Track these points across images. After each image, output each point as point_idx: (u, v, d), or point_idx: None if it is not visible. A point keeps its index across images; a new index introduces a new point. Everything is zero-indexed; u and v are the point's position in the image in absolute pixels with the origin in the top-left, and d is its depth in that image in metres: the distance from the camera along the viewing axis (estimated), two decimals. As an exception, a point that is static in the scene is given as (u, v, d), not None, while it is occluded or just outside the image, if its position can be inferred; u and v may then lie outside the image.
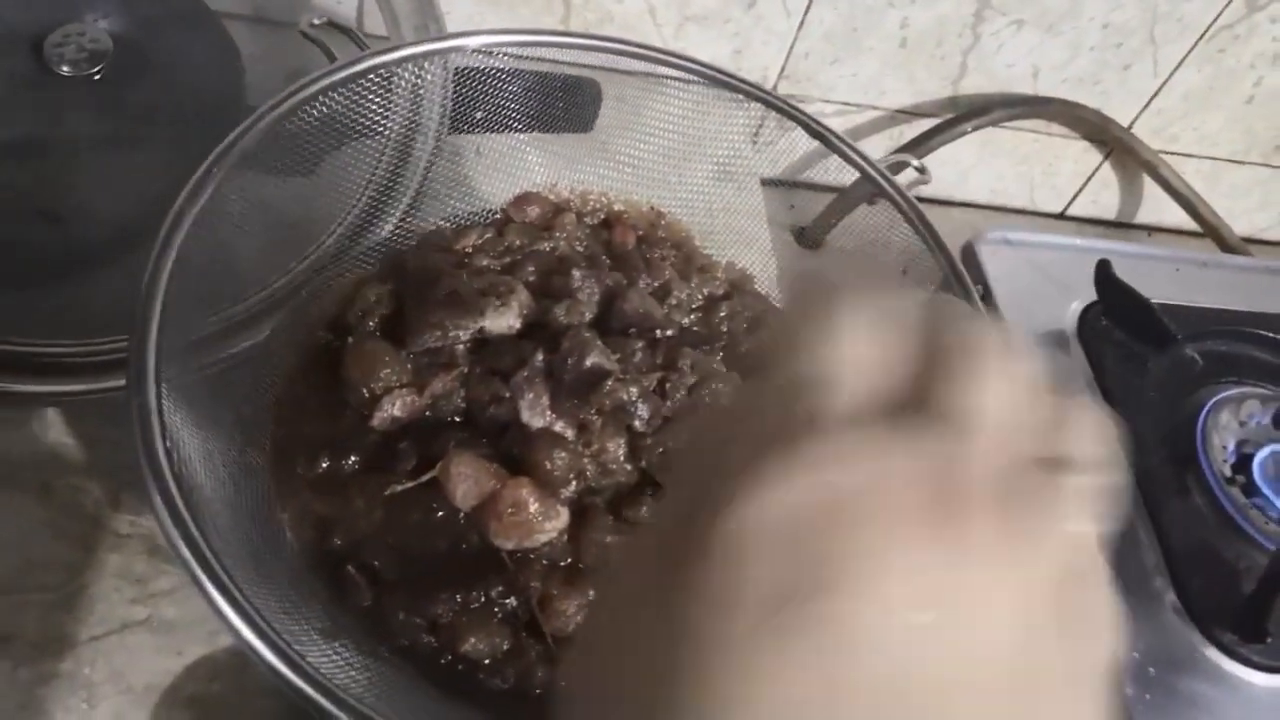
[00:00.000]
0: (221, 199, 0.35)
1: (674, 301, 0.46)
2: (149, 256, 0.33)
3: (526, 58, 0.48)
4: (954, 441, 0.17)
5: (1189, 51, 0.67)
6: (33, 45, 0.47)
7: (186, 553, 0.28)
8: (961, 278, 0.48)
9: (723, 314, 0.47)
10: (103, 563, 0.42)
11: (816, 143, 0.52)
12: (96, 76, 0.47)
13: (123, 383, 0.33)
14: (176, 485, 0.29)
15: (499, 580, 0.35)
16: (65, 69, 0.47)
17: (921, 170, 0.50)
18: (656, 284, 0.48)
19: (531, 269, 0.44)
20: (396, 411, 0.38)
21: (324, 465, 0.37)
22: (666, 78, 0.51)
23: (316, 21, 0.45)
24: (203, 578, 0.27)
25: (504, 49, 0.44)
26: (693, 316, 0.48)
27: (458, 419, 0.39)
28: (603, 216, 0.50)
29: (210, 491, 0.32)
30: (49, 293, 0.45)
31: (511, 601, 0.35)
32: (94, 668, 0.39)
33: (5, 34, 0.47)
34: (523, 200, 0.47)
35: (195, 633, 0.40)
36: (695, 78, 0.48)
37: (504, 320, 0.40)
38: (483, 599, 0.35)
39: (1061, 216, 0.78)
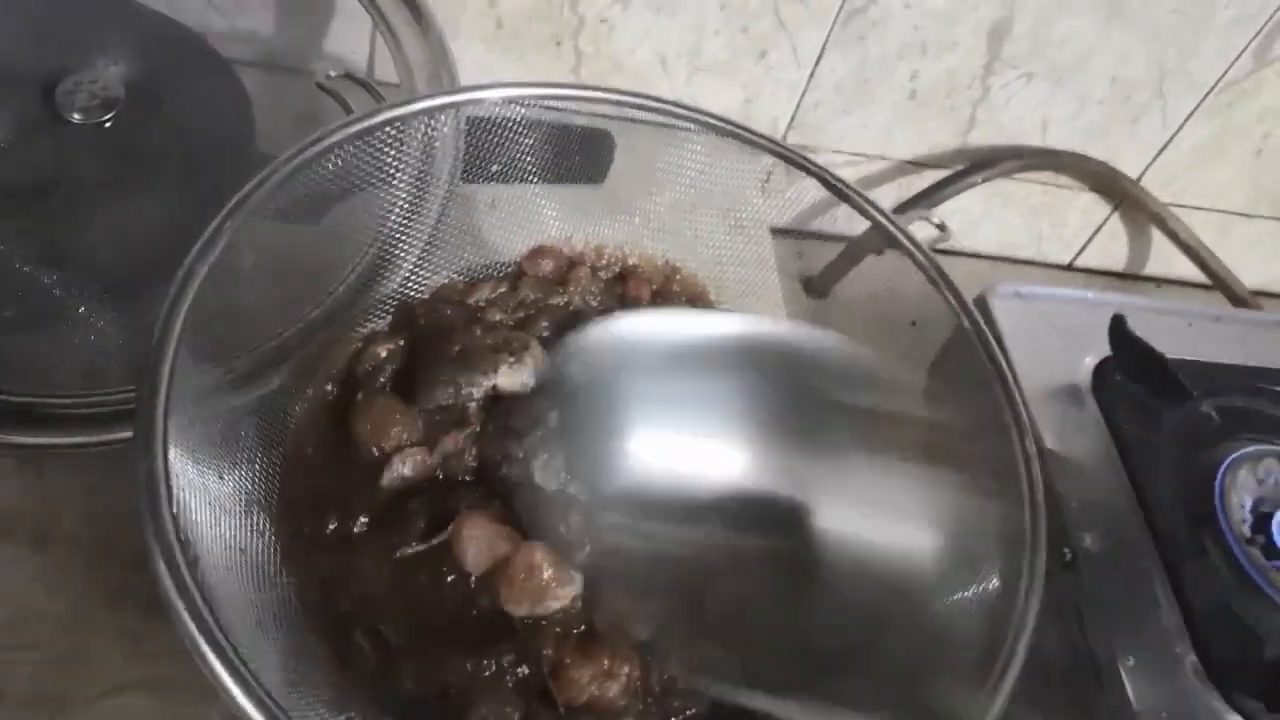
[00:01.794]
0: (232, 253, 0.34)
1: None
2: (157, 315, 0.32)
3: (540, 108, 0.48)
4: None
5: (1197, 105, 0.67)
6: (44, 91, 0.46)
7: (192, 627, 0.27)
8: (980, 330, 0.47)
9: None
10: (98, 619, 0.41)
11: (825, 192, 0.51)
12: (107, 124, 0.47)
13: (126, 434, 0.32)
14: (182, 553, 0.28)
15: (510, 647, 0.34)
16: (76, 116, 0.46)
17: (942, 228, 0.50)
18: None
19: (546, 324, 0.43)
20: (406, 471, 0.37)
21: (331, 526, 0.36)
22: (678, 128, 0.51)
23: (332, 74, 0.44)
24: (208, 652, 0.27)
25: (521, 101, 0.44)
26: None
27: (469, 478, 0.38)
28: (617, 270, 0.50)
29: (215, 558, 0.31)
30: (51, 340, 0.44)
31: (524, 669, 0.34)
32: (87, 731, 0.38)
33: (17, 80, 0.47)
34: (537, 254, 0.47)
35: (193, 694, 0.39)
36: (707, 130, 0.48)
37: (518, 378, 0.39)
38: (494, 667, 0.34)
39: (1069, 268, 0.77)
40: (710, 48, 0.62)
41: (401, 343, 0.41)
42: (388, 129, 0.40)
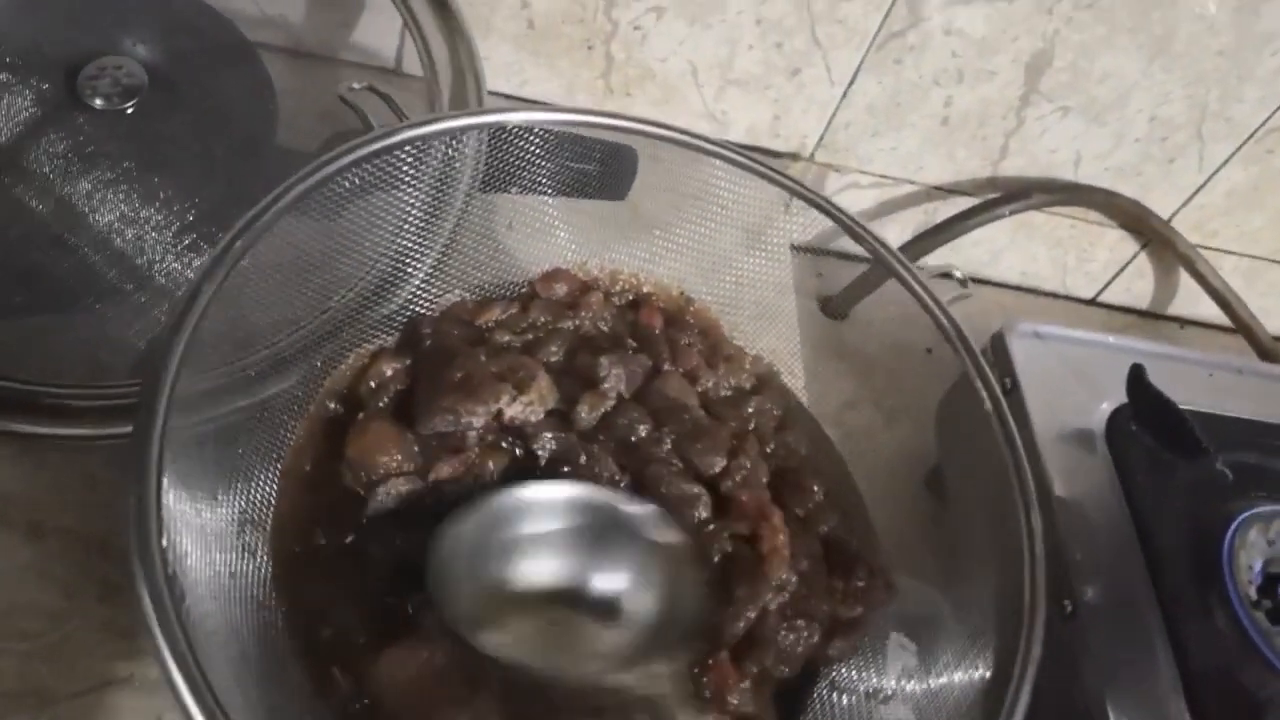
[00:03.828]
0: (240, 273, 0.34)
1: (701, 390, 0.44)
2: (159, 337, 0.32)
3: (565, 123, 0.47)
4: None
5: (1236, 150, 0.65)
6: (66, 76, 0.46)
7: (172, 664, 0.27)
8: (984, 374, 0.46)
9: (750, 410, 0.46)
10: (88, 613, 0.41)
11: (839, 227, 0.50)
12: (129, 111, 0.46)
13: (128, 429, 0.32)
14: (169, 590, 0.27)
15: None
16: (98, 102, 0.46)
17: (964, 284, 0.49)
18: (683, 370, 0.47)
19: (555, 348, 0.43)
20: (390, 504, 0.36)
21: (320, 543, 0.36)
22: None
23: (356, 86, 0.44)
24: (188, 698, 0.26)
25: (543, 126, 0.43)
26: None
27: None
28: (630, 298, 0.49)
29: (203, 589, 0.31)
30: (61, 329, 0.44)
31: None
32: (71, 727, 0.38)
33: (40, 64, 0.46)
34: (551, 277, 0.46)
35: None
36: (724, 160, 0.47)
37: (526, 409, 0.39)
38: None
39: (1093, 303, 0.76)
40: (743, 61, 0.61)
41: (408, 362, 0.40)
42: (407, 148, 0.39)
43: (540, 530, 0.38)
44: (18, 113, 0.45)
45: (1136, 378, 0.55)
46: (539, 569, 0.38)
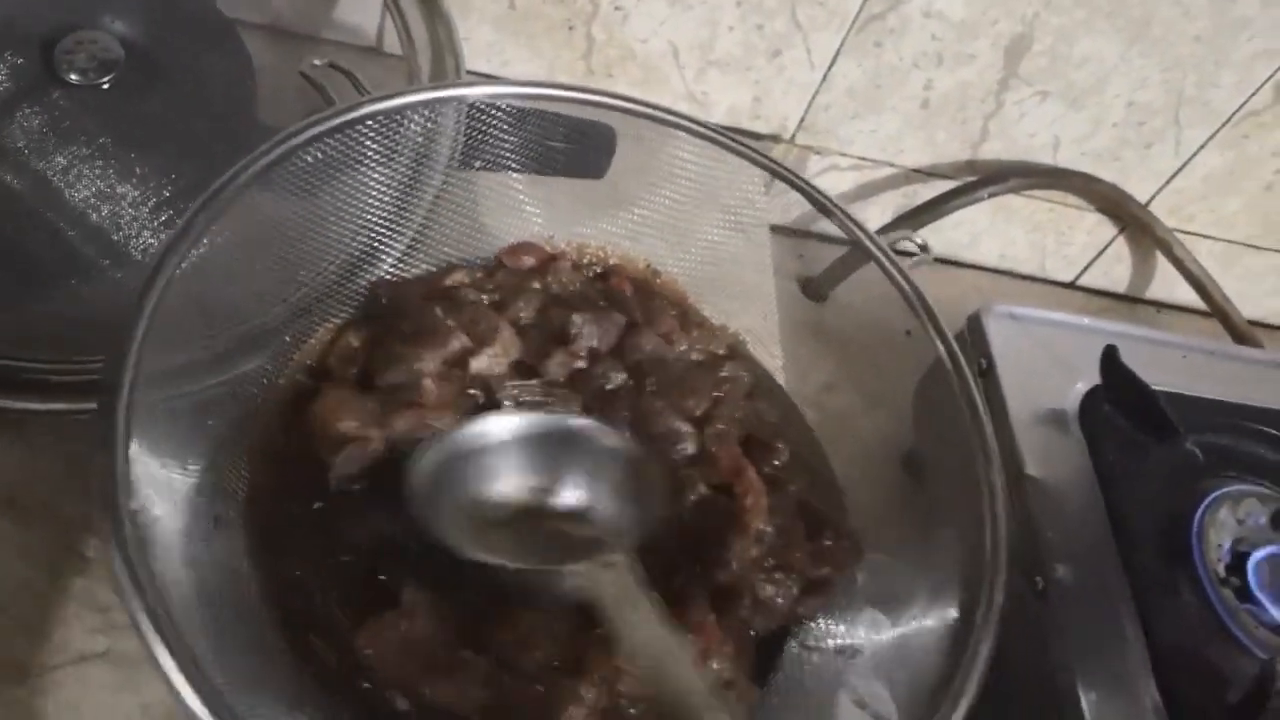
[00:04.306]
0: (208, 249, 0.34)
1: (676, 352, 0.45)
2: (131, 307, 0.32)
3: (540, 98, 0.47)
4: None
5: (1213, 135, 0.66)
6: (42, 50, 0.46)
7: (148, 625, 0.27)
8: (957, 360, 0.47)
9: (724, 374, 0.47)
10: (66, 587, 0.41)
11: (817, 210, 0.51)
12: (105, 86, 0.46)
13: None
14: (139, 553, 0.28)
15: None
16: (74, 77, 0.46)
17: (924, 248, 0.49)
18: (661, 332, 0.47)
19: (523, 304, 0.43)
20: (351, 469, 0.37)
21: (293, 513, 0.36)
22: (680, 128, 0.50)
23: (317, 63, 0.44)
24: (163, 655, 0.27)
25: (511, 100, 0.43)
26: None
27: None
28: (599, 270, 0.49)
29: (177, 553, 0.31)
30: (37, 304, 0.44)
31: None
32: (48, 699, 0.38)
33: (14, 37, 0.46)
34: (518, 249, 0.46)
35: (154, 670, 0.39)
36: (705, 139, 0.47)
37: (490, 361, 0.39)
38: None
39: (1071, 286, 0.77)
40: (724, 43, 0.62)
41: (368, 332, 0.41)
42: (370, 123, 0.39)
43: (506, 452, 0.40)
44: (-7, 87, 0.45)
45: (1110, 358, 0.55)
46: (509, 488, 0.40)
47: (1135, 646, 0.49)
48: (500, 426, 0.40)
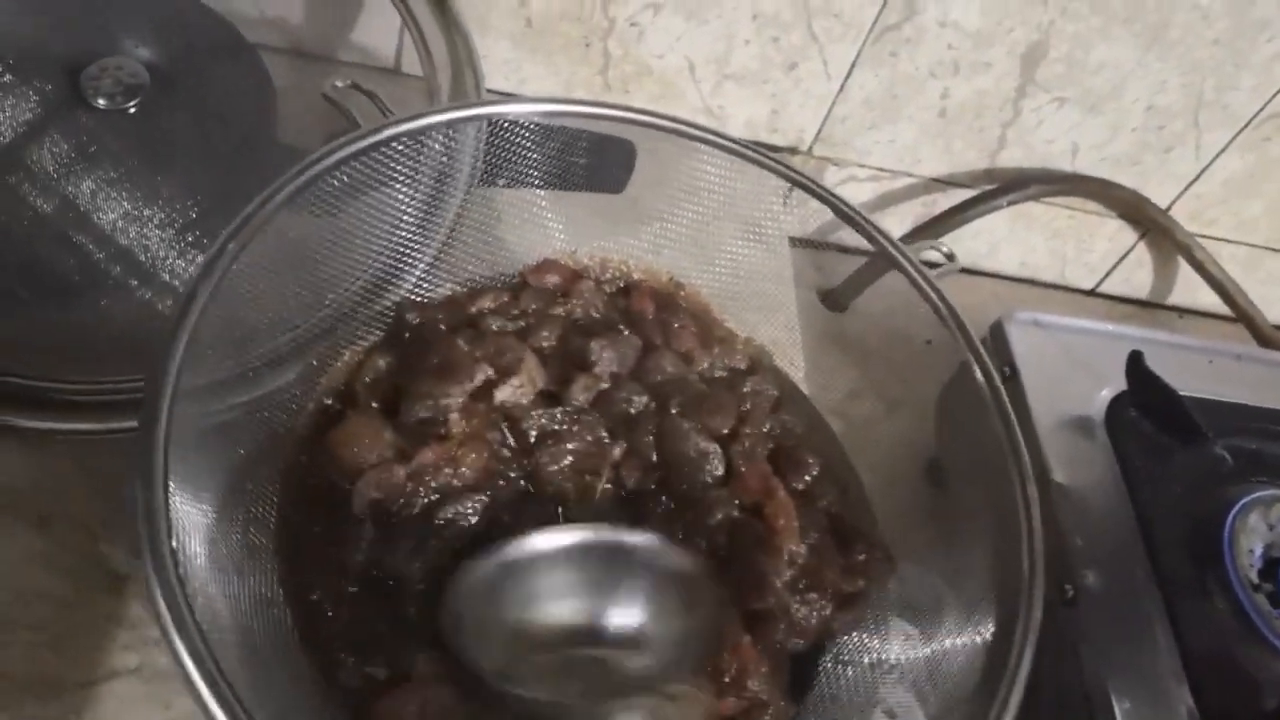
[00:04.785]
0: (237, 273, 0.34)
1: (697, 372, 0.45)
2: (167, 327, 0.32)
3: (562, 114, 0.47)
4: None
5: (1233, 138, 0.66)
6: (69, 76, 0.47)
7: (191, 666, 0.27)
8: (986, 368, 0.47)
9: (746, 389, 0.46)
10: (97, 603, 0.41)
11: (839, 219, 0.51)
12: (131, 110, 0.47)
13: (132, 424, 0.32)
14: (181, 589, 0.28)
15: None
16: (101, 102, 0.46)
17: (950, 257, 0.49)
18: (679, 350, 0.47)
19: (546, 333, 0.43)
20: (374, 494, 0.37)
21: (321, 541, 0.36)
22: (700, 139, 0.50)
23: (340, 84, 0.44)
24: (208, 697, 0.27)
25: (531, 117, 0.44)
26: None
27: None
28: (621, 285, 0.49)
29: (213, 589, 0.32)
30: (65, 324, 0.44)
31: None
32: (80, 716, 0.39)
33: (43, 64, 0.47)
34: (542, 268, 0.47)
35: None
36: (724, 150, 0.48)
37: (516, 390, 0.39)
38: None
39: (1092, 293, 0.76)
40: (740, 57, 0.62)
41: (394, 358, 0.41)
42: (394, 144, 0.39)
43: (553, 575, 0.38)
44: (22, 112, 0.45)
45: (1135, 363, 0.55)
46: (556, 611, 0.37)
47: (1167, 653, 0.48)
48: (550, 542, 0.38)
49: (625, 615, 0.38)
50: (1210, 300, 0.72)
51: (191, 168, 0.48)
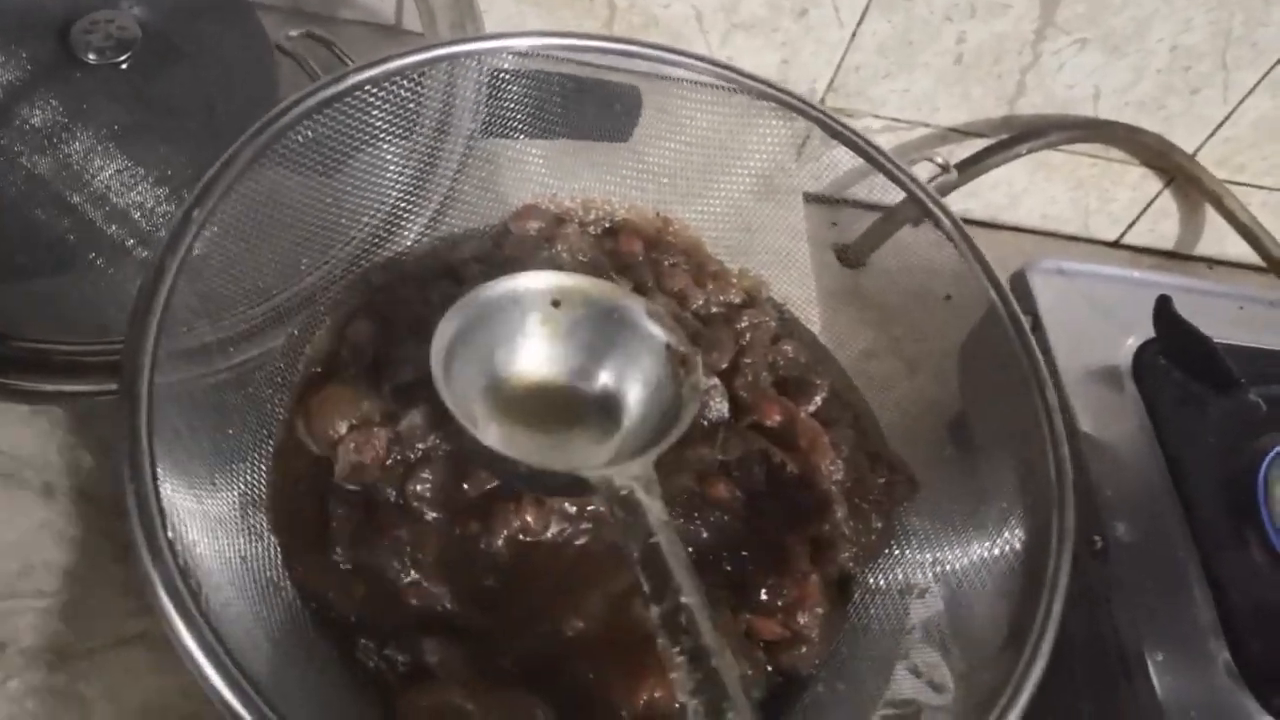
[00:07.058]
0: (208, 241, 0.33)
1: (692, 310, 0.44)
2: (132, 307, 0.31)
3: (565, 60, 0.46)
4: None
5: (1263, 77, 0.63)
6: (60, 31, 0.45)
7: (209, 670, 0.26)
8: (1010, 305, 0.45)
9: (744, 324, 0.45)
10: (103, 571, 0.41)
11: (861, 159, 0.49)
12: (123, 65, 0.46)
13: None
14: (182, 580, 0.27)
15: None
16: (91, 57, 0.45)
17: (945, 167, 0.48)
18: (674, 289, 0.46)
19: None
20: (358, 458, 0.35)
21: (317, 517, 0.35)
22: (710, 85, 0.49)
23: (293, 33, 0.42)
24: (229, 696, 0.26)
25: (541, 52, 0.42)
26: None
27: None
28: (607, 225, 0.48)
29: (218, 577, 0.31)
30: (63, 285, 0.43)
31: None
32: (88, 683, 0.38)
33: (33, 19, 0.45)
34: (523, 214, 0.45)
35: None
36: (740, 90, 0.46)
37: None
38: None
39: (1116, 245, 0.74)
40: (748, 4, 0.60)
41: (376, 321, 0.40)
42: (357, 93, 0.38)
43: (537, 321, 0.38)
44: (11, 69, 0.44)
45: (1164, 308, 0.53)
46: (537, 359, 0.38)
47: (1203, 605, 0.47)
48: (535, 282, 0.37)
49: (600, 376, 0.38)
50: (1239, 249, 0.70)
51: (187, 125, 0.46)
